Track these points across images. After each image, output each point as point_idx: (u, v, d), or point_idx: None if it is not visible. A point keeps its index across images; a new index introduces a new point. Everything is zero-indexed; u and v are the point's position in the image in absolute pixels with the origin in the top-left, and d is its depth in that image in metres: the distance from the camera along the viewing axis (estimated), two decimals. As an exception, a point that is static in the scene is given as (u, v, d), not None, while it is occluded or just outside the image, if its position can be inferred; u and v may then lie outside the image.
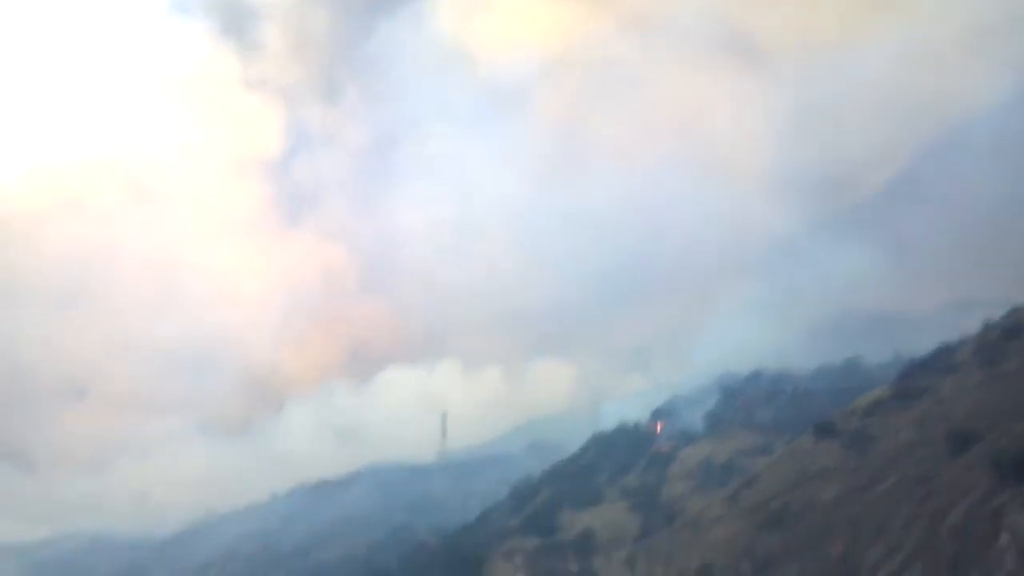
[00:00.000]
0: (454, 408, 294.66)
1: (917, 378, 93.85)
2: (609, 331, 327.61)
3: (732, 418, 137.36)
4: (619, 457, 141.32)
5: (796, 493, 78.45)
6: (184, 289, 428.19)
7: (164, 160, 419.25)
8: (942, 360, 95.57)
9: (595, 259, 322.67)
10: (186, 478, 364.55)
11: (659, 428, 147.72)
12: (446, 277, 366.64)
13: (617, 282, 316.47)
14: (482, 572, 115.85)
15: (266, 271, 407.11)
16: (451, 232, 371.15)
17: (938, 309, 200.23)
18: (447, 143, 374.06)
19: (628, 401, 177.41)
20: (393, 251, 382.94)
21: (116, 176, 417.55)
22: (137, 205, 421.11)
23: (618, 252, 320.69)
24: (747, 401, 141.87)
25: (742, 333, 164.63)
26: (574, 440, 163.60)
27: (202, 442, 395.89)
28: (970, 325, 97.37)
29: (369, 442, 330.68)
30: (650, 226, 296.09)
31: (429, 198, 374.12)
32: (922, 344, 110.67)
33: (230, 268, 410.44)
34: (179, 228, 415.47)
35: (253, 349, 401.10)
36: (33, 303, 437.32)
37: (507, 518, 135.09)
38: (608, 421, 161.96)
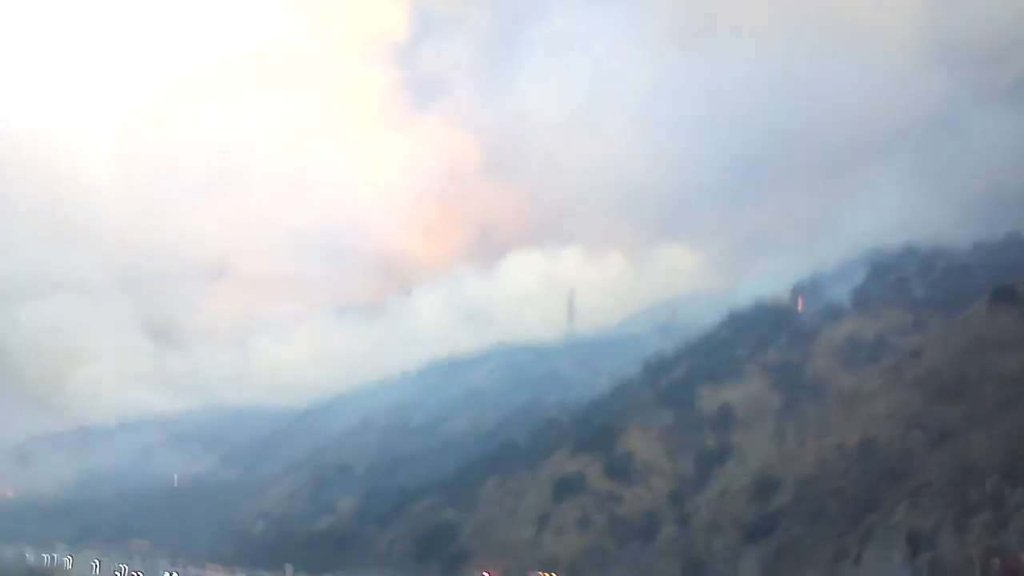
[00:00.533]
0: (579, 292, 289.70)
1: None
2: (740, 213, 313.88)
3: (882, 294, 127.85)
4: (757, 334, 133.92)
5: (972, 363, 70.35)
6: (316, 175, 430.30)
7: (295, 47, 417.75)
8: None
9: (728, 138, 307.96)
10: (320, 356, 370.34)
11: (800, 304, 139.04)
12: (572, 161, 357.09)
13: (751, 162, 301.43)
14: (615, 444, 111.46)
15: (395, 157, 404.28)
16: (577, 114, 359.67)
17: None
18: (573, 23, 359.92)
19: (765, 279, 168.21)
20: (519, 135, 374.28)
21: (250, 64, 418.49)
22: (270, 93, 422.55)
23: (752, 130, 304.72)
24: (899, 277, 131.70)
25: (894, 207, 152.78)
26: (704, 321, 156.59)
27: (335, 322, 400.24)
28: None
29: (496, 324, 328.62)
30: (788, 102, 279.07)
31: (555, 80, 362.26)
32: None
33: (360, 154, 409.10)
34: (311, 115, 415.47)
35: (383, 234, 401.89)
36: (175, 189, 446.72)
37: (640, 393, 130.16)
38: (744, 299, 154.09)
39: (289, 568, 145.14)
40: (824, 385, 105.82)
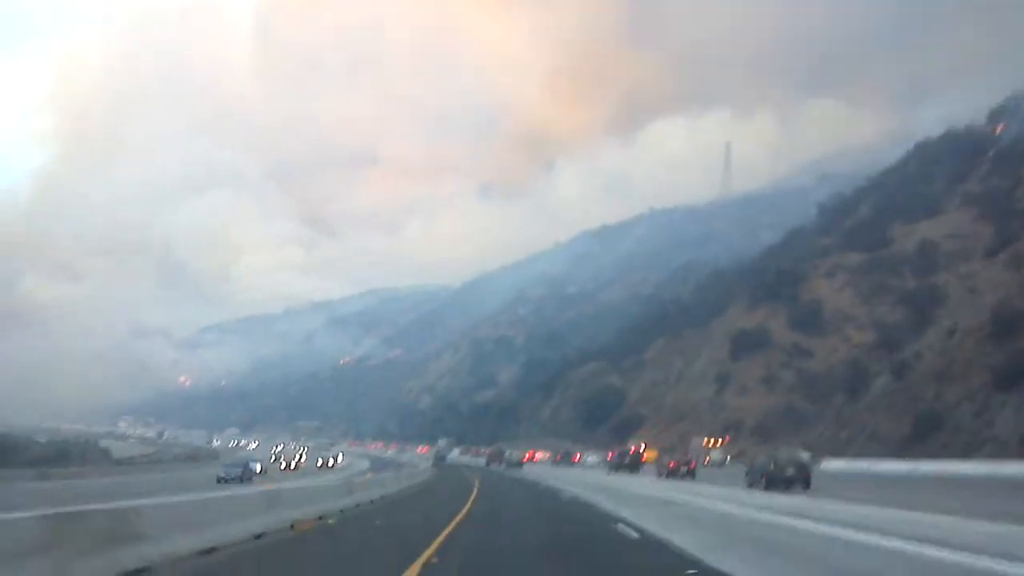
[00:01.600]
0: (721, 157, 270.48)
1: None
2: (902, 55, 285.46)
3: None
4: (950, 164, 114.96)
5: None
6: (456, 57, 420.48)
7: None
8: None
9: None
10: (471, 234, 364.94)
11: (1000, 129, 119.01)
12: (711, 21, 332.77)
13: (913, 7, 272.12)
14: (798, 293, 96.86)
15: (536, 29, 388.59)
16: None
17: None
18: None
19: (948, 108, 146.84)
20: None
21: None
22: None
23: None
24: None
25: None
26: (873, 167, 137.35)
27: (483, 201, 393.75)
28: None
29: (644, 190, 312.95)
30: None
31: None
32: None
33: (497, 33, 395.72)
34: None
35: (524, 111, 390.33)
36: (322, 78, 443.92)
37: (819, 237, 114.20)
38: (927, 130, 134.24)
39: (442, 441, 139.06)
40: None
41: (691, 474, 52.12)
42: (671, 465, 54.80)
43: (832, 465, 55.40)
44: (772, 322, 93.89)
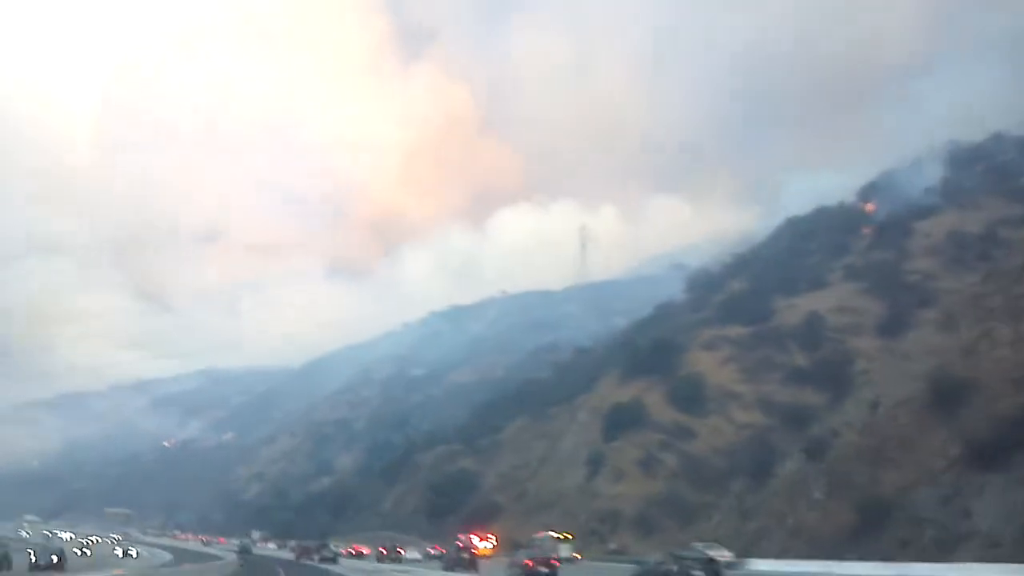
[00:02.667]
0: (572, 245, 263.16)
1: None
2: (749, 157, 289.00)
3: (977, 187, 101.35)
4: (826, 239, 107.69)
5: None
6: (308, 133, 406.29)
7: (281, 3, 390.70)
8: None
9: (726, 86, 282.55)
10: (314, 315, 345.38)
11: (872, 206, 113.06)
12: (567, 114, 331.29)
13: (758, 103, 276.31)
14: (676, 366, 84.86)
15: (388, 112, 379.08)
16: (571, 67, 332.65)
17: None
18: None
19: (808, 188, 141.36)
20: (514, 89, 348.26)
21: (233, 15, 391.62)
22: (257, 46, 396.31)
23: (752, 75, 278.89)
24: (992, 167, 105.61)
25: (968, 91, 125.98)
26: (728, 253, 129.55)
27: (328, 282, 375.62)
28: None
29: (493, 276, 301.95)
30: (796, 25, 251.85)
31: (551, 32, 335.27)
32: None
33: (352, 110, 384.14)
34: (300, 69, 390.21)
35: (375, 193, 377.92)
36: (164, 150, 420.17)
37: (691, 312, 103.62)
38: (793, 208, 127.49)
39: (256, 534, 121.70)
40: (932, 288, 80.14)
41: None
42: (528, 564, 44.39)
43: (760, 566, 42.09)
44: (648, 397, 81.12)
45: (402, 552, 74.43)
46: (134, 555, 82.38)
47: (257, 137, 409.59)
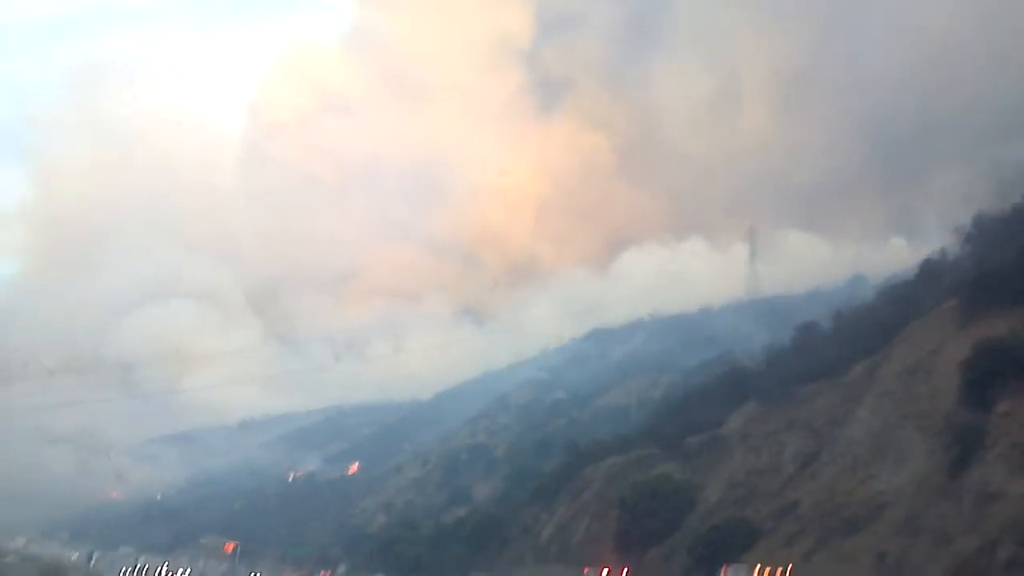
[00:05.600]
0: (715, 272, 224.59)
1: None
2: (894, 194, 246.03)
3: None
4: None
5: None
6: (447, 181, 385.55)
7: (419, 52, 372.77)
8: None
9: (868, 125, 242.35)
10: (446, 353, 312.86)
11: None
12: (707, 153, 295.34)
13: (898, 147, 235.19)
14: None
15: (525, 161, 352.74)
16: (711, 106, 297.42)
17: None
18: (704, 13, 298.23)
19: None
20: (652, 133, 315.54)
21: (375, 71, 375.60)
22: (398, 100, 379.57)
23: (896, 115, 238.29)
24: None
25: None
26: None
27: (460, 324, 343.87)
28: None
29: (630, 308, 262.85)
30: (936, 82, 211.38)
31: (690, 72, 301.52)
32: None
33: (490, 160, 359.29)
34: (439, 121, 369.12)
35: (511, 240, 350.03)
36: (307, 199, 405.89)
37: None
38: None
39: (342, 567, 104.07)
40: None
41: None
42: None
43: None
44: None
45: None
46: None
47: (397, 186, 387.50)
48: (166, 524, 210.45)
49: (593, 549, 68.10)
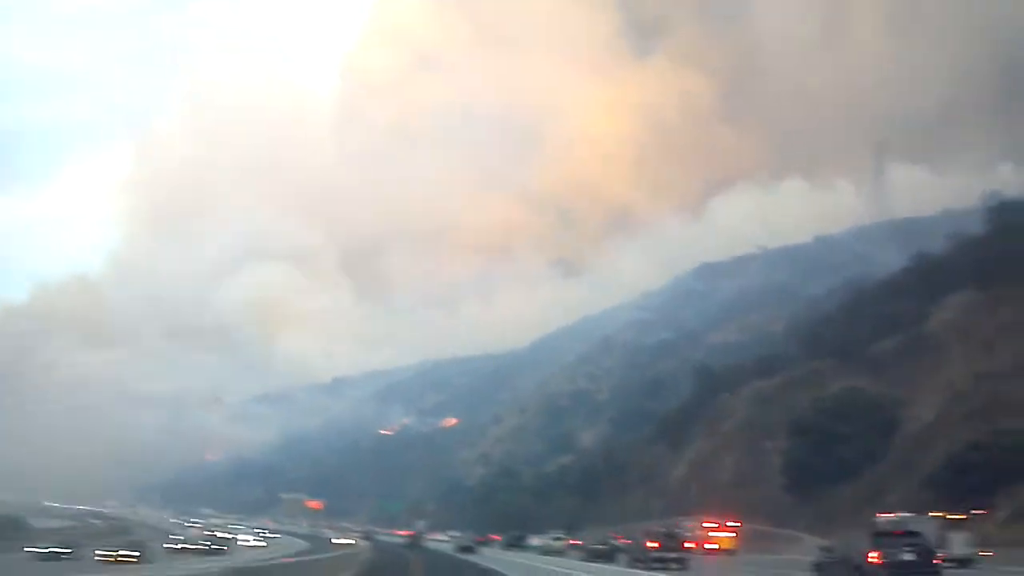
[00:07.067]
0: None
1: None
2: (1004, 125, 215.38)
3: None
4: None
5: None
6: (542, 132, 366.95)
7: (509, 1, 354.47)
8: None
9: (982, 51, 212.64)
10: (541, 303, 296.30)
11: None
12: (809, 91, 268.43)
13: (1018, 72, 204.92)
14: None
15: (621, 106, 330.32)
16: (815, 41, 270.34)
17: None
18: None
19: None
20: (753, 72, 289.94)
21: (467, 23, 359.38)
22: (490, 50, 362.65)
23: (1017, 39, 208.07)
24: None
25: None
26: None
27: (555, 274, 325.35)
28: None
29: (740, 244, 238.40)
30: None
31: (792, 7, 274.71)
32: None
33: (585, 107, 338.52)
34: (533, 70, 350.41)
35: (608, 188, 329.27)
36: (400, 156, 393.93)
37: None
38: None
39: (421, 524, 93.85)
40: None
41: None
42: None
43: None
44: None
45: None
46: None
47: (492, 139, 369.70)
48: (258, 483, 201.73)
49: (749, 491, 50.76)
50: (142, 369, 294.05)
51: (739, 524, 44.42)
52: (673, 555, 33.44)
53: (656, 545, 33.80)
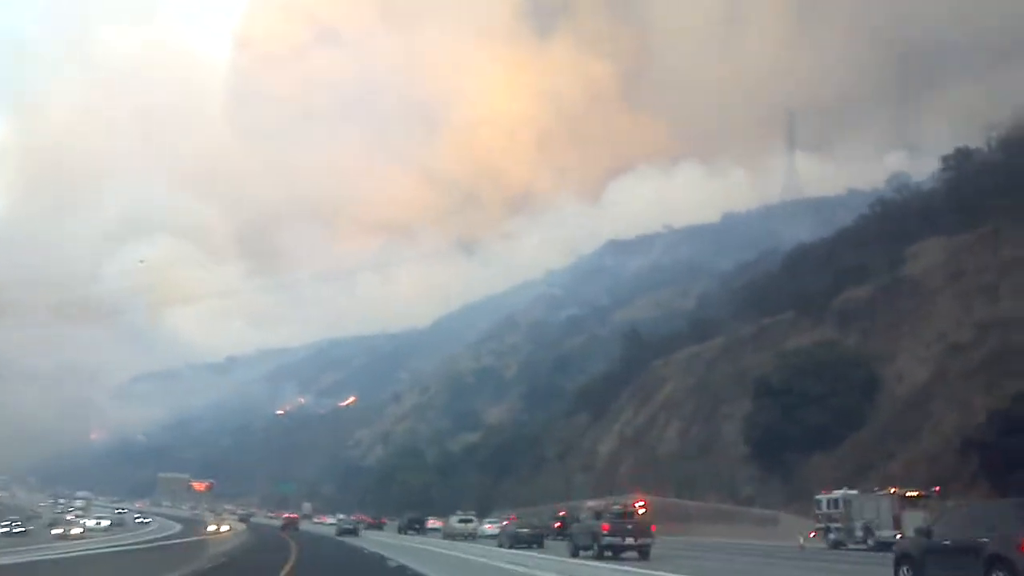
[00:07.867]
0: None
1: None
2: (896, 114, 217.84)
3: None
4: None
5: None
6: (445, 112, 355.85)
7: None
8: None
9: (879, 40, 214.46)
10: (442, 282, 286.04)
11: None
12: (709, 78, 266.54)
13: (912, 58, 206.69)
14: None
15: (524, 88, 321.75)
16: (716, 28, 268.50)
17: None
18: None
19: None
20: (655, 57, 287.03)
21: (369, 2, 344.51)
22: (391, 26, 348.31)
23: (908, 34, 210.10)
24: None
25: None
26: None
27: (457, 254, 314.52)
28: None
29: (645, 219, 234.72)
30: None
31: None
32: None
33: (489, 88, 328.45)
34: (435, 49, 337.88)
35: (510, 169, 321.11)
36: (298, 132, 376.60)
37: None
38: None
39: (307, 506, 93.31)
40: None
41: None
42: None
43: None
44: None
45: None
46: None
47: (394, 117, 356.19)
48: (147, 465, 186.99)
49: (699, 463, 43.31)
50: (24, 344, 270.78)
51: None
52: (632, 541, 25.15)
53: (606, 528, 25.49)
